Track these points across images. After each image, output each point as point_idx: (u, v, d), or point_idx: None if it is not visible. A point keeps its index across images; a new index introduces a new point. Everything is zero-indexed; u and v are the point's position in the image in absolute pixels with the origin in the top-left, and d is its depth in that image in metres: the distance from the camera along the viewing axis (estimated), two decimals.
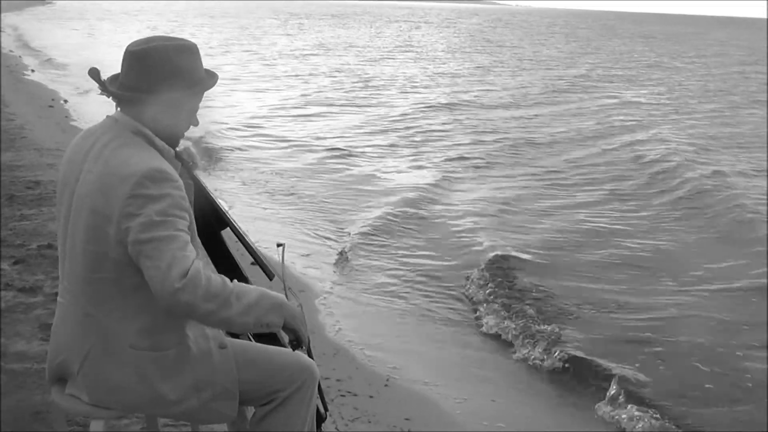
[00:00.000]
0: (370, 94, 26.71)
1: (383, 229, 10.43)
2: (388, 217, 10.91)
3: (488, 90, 29.19)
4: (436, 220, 11.23)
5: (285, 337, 3.06)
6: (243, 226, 3.50)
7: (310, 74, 32.52)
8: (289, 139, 17.35)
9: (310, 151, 16.06)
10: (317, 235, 9.95)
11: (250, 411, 3.29)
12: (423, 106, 23.77)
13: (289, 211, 11.08)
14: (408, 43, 59.80)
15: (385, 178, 13.72)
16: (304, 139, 17.38)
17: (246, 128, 18.46)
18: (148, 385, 2.83)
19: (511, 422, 5.55)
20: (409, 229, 10.50)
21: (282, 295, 2.89)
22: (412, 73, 34.79)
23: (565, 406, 5.94)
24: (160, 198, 2.62)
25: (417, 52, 50.55)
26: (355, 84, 29.54)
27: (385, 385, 5.68)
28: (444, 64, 41.25)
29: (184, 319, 2.89)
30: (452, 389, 5.93)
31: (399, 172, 14.52)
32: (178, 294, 2.53)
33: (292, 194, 12.23)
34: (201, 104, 2.98)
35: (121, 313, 2.78)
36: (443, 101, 25.06)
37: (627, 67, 43.70)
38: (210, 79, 2.95)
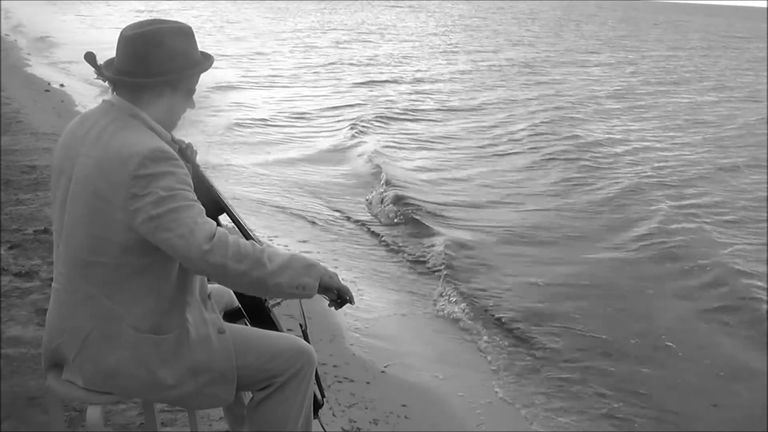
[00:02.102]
0: None
1: (380, 215, 10.49)
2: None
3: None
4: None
5: (326, 300, 3.01)
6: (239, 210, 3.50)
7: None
8: None
9: None
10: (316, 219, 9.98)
11: (247, 396, 3.29)
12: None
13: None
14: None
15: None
16: None
17: None
18: (146, 369, 2.83)
19: (506, 410, 5.58)
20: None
21: (307, 257, 2.89)
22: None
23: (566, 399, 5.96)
24: (163, 175, 2.62)
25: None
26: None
27: (382, 372, 5.69)
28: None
29: (185, 303, 2.90)
30: (449, 377, 5.95)
31: None
32: (207, 256, 2.57)
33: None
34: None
35: (124, 296, 2.78)
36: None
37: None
38: (206, 61, 2.94)
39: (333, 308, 3.02)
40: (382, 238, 9.51)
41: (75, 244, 2.76)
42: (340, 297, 2.96)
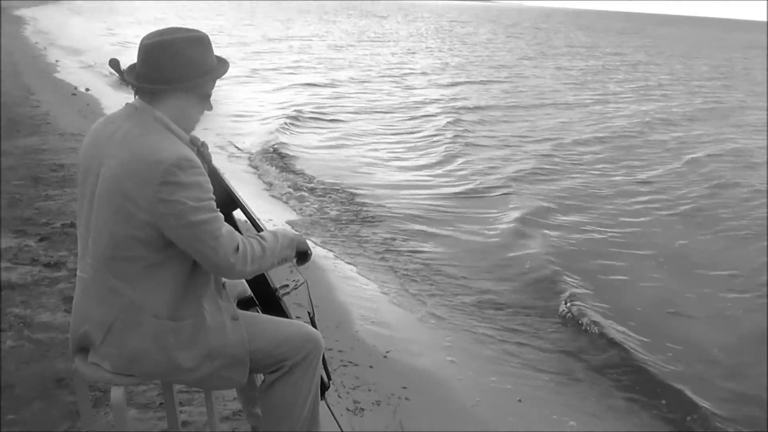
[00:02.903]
0: None
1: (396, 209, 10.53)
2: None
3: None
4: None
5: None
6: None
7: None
8: None
9: None
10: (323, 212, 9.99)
11: (259, 378, 3.30)
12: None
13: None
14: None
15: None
16: None
17: None
18: (166, 354, 2.86)
19: (504, 395, 5.58)
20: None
21: (287, 229, 3.12)
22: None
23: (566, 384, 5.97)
24: (191, 185, 2.68)
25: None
26: None
27: (384, 357, 5.69)
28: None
29: (202, 292, 2.93)
30: (449, 362, 5.95)
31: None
32: (234, 267, 2.79)
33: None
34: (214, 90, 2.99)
35: (145, 287, 2.80)
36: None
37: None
38: (221, 66, 2.96)
39: (299, 264, 3.28)
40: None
41: (101, 239, 2.78)
42: (303, 255, 3.24)
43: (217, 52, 2.99)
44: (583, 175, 13.97)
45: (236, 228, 3.11)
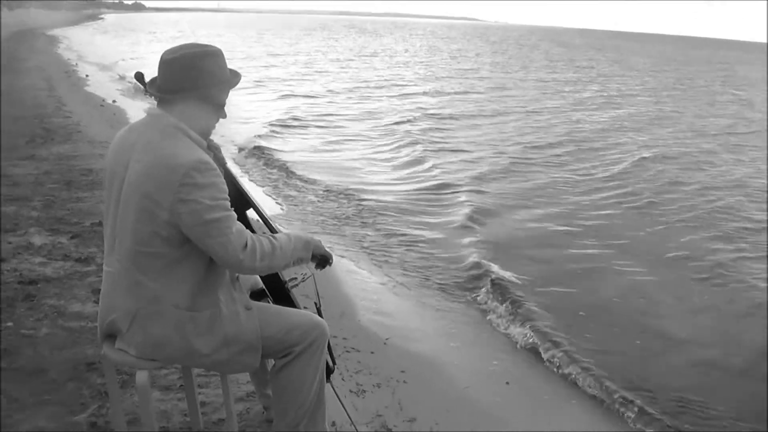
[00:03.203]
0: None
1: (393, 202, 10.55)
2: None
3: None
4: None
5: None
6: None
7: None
8: None
9: None
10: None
11: (270, 362, 3.32)
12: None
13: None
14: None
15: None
16: None
17: None
18: (185, 341, 2.88)
19: (493, 378, 5.60)
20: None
21: (304, 232, 3.11)
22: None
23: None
24: (207, 186, 2.70)
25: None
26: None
27: (384, 343, 5.70)
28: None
29: (218, 285, 2.95)
30: (443, 348, 5.97)
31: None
32: (243, 262, 2.76)
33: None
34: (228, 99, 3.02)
35: (166, 280, 2.82)
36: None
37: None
38: (234, 78, 2.98)
39: (318, 269, 3.26)
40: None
41: (126, 236, 2.79)
42: (323, 259, 3.19)
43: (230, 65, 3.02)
44: (544, 173, 14.22)
45: (249, 226, 3.13)
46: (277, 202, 10.34)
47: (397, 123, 20.03)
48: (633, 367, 5.98)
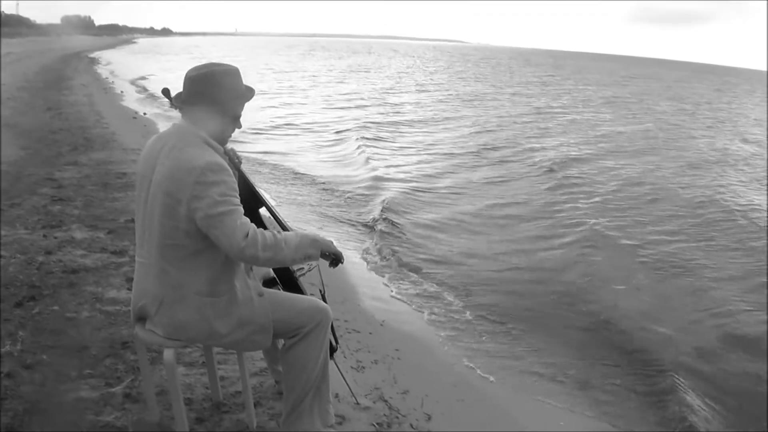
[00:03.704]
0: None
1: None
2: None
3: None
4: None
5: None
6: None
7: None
8: None
9: None
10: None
11: (280, 342, 3.30)
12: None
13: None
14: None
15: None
16: None
17: None
18: (206, 323, 2.86)
19: (477, 354, 5.59)
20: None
21: (314, 231, 3.03)
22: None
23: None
24: (218, 183, 2.67)
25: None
26: None
27: (381, 325, 5.69)
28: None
29: (234, 273, 2.92)
30: (432, 330, 5.96)
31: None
32: (244, 250, 2.67)
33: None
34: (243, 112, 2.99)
35: (189, 269, 2.80)
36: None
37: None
38: (248, 92, 2.97)
39: (331, 267, 3.13)
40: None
41: (153, 230, 2.78)
42: (334, 259, 3.07)
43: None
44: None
45: (261, 224, 3.11)
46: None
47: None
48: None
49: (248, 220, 2.76)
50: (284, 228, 3.27)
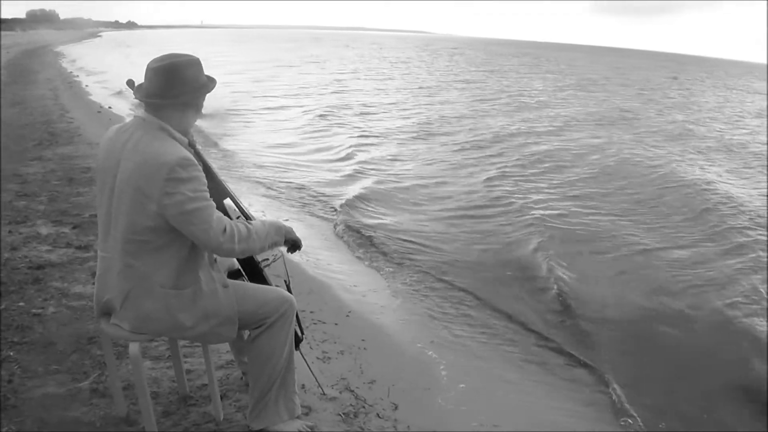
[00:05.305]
0: None
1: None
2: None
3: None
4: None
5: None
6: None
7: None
8: None
9: None
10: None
11: (246, 333, 3.31)
12: None
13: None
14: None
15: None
16: None
17: None
18: (171, 316, 2.86)
19: (441, 345, 5.64)
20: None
21: (277, 220, 3.07)
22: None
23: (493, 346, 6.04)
24: (190, 180, 2.68)
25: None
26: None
27: (347, 316, 5.71)
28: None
29: (198, 266, 2.92)
30: (398, 320, 5.99)
31: None
32: (223, 245, 2.75)
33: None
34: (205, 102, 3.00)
35: (153, 263, 2.80)
36: None
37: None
38: (210, 83, 2.96)
39: (289, 253, 3.24)
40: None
41: (119, 225, 2.77)
42: (293, 244, 3.17)
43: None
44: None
45: (226, 214, 3.12)
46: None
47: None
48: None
49: (222, 214, 2.79)
50: (247, 217, 3.28)
